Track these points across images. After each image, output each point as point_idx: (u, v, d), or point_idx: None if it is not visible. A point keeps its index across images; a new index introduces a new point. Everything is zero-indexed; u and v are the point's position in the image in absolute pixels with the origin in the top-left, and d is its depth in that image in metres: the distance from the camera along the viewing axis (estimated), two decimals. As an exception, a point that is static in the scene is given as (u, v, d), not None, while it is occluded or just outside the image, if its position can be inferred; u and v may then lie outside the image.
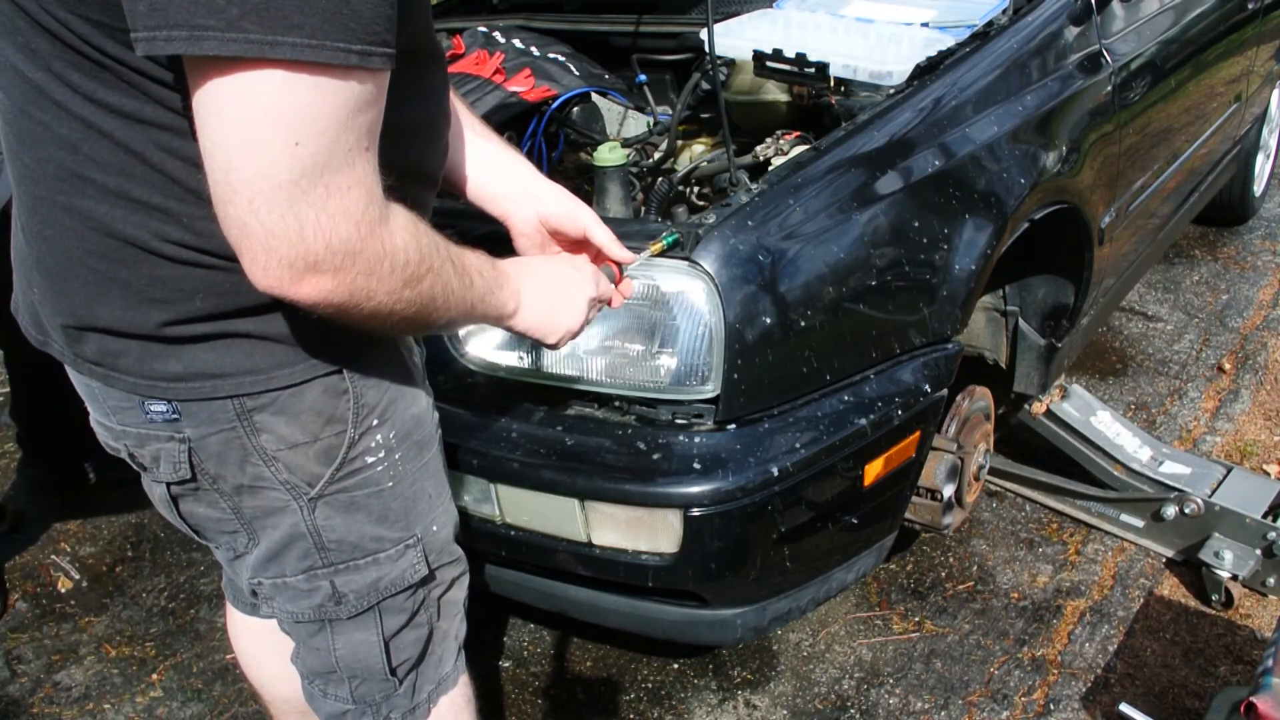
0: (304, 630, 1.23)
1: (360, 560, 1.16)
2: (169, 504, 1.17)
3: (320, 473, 1.10)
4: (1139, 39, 2.38)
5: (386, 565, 1.18)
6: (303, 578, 1.16)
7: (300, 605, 1.19)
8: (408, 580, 1.20)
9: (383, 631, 1.22)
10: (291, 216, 0.85)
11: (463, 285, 1.04)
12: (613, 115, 2.36)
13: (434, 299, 1.00)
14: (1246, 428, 2.81)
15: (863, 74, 1.90)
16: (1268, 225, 4.07)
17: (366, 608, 1.19)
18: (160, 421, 1.07)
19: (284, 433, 1.07)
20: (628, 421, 1.54)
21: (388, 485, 1.15)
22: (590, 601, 1.72)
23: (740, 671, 2.09)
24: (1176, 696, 1.97)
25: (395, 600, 1.21)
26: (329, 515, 1.13)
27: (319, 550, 1.15)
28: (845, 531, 1.72)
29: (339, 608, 1.18)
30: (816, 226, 1.59)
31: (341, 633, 1.21)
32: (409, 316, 0.99)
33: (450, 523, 1.27)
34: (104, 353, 1.04)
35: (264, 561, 1.17)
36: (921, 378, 1.69)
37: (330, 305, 0.92)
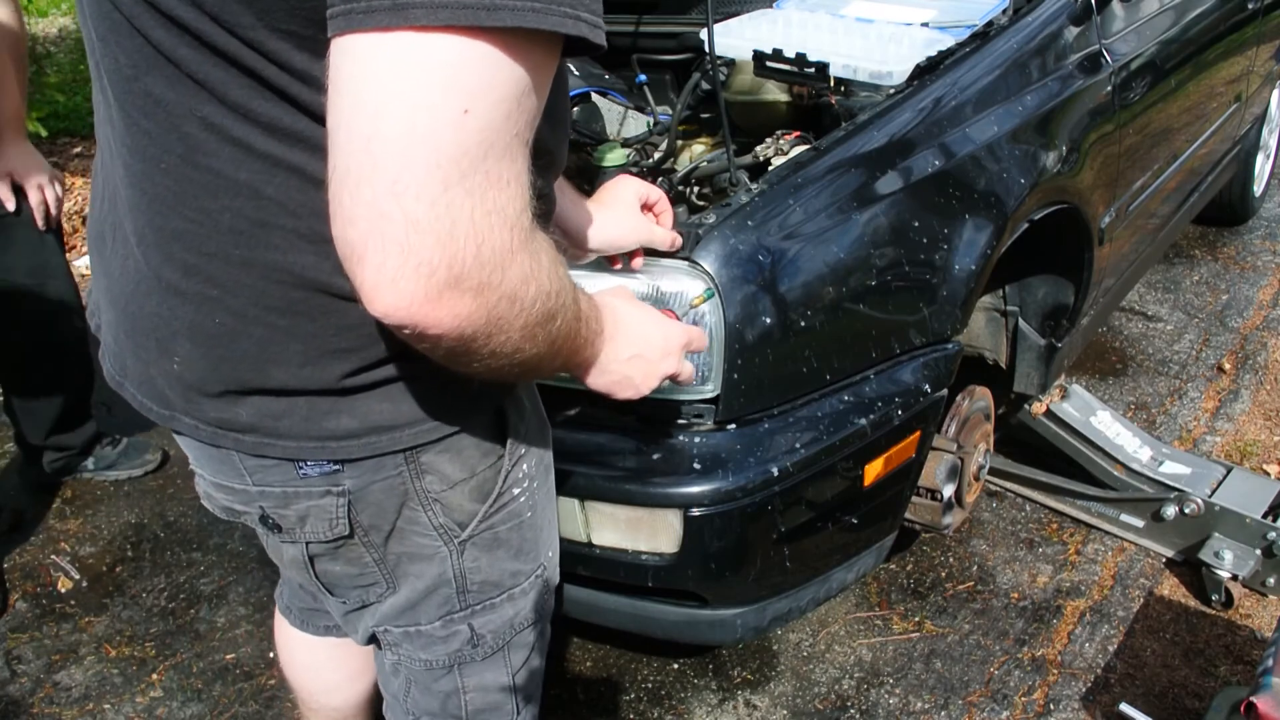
0: (430, 675, 1.15)
1: (497, 598, 1.10)
2: (305, 565, 1.07)
3: (475, 510, 1.03)
4: (1139, 39, 2.38)
5: (520, 600, 1.12)
6: (439, 624, 1.09)
7: (435, 653, 1.12)
8: (540, 610, 1.15)
9: (511, 669, 1.16)
10: (444, 206, 0.68)
11: (577, 329, 0.90)
12: (613, 115, 2.36)
13: (557, 341, 0.85)
14: (1246, 428, 2.81)
15: (863, 74, 1.90)
16: (1268, 225, 4.07)
17: (500, 646, 1.13)
18: (315, 476, 0.97)
19: (447, 471, 0.99)
20: (628, 421, 1.54)
21: (527, 515, 1.09)
22: (590, 601, 1.72)
23: (740, 671, 2.09)
24: (1176, 696, 1.97)
25: (522, 635, 1.15)
26: (476, 557, 1.06)
27: (460, 594, 1.08)
28: (845, 531, 1.72)
29: (475, 650, 1.12)
30: (816, 226, 1.59)
31: (473, 675, 1.15)
32: (526, 362, 0.83)
33: (559, 543, 1.21)
34: (263, 415, 0.92)
35: (399, 611, 1.09)
36: (921, 378, 1.69)
37: (457, 339, 0.75)
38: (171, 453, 2.89)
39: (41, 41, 6.98)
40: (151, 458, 2.80)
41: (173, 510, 2.68)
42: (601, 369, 1.00)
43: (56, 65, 6.47)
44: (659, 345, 1.06)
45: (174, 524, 2.62)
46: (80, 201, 4.78)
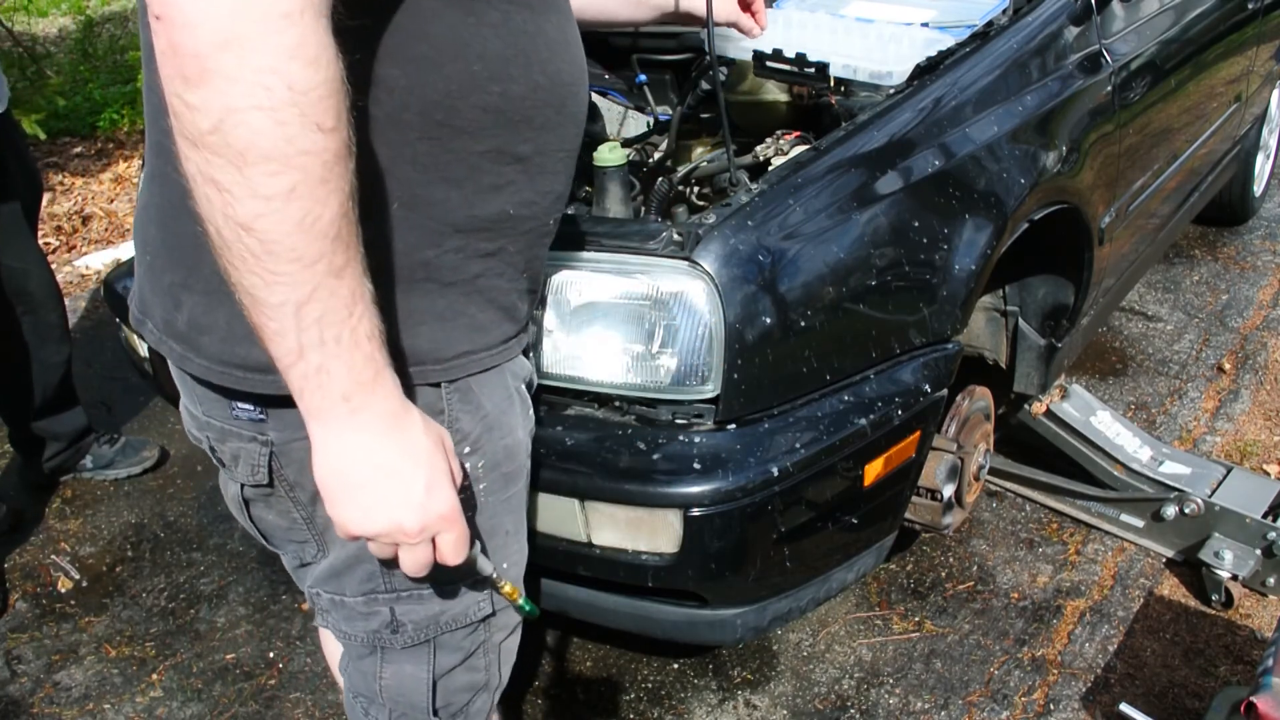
0: (355, 649, 1.16)
1: (424, 591, 1.06)
2: (240, 506, 1.09)
3: None
4: (1139, 39, 2.38)
5: (451, 600, 1.08)
6: (362, 600, 1.07)
7: (355, 627, 1.10)
8: (471, 617, 1.10)
9: (434, 668, 1.13)
10: None
11: (329, 259, 0.78)
12: (613, 115, 2.36)
13: (288, 188, 0.74)
14: (1246, 428, 2.81)
15: (863, 74, 1.90)
16: (1268, 225, 4.07)
17: (423, 640, 1.10)
18: (245, 420, 0.98)
19: None
20: (628, 421, 1.54)
21: (468, 516, 1.01)
22: (590, 601, 1.72)
23: (740, 671, 2.09)
24: (1176, 696, 1.97)
25: (453, 637, 1.11)
26: None
27: (384, 575, 1.05)
28: (845, 531, 1.72)
29: (395, 636, 1.09)
30: (816, 226, 1.59)
31: (391, 662, 1.13)
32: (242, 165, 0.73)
33: (522, 562, 1.17)
34: (192, 325, 0.94)
35: (327, 576, 1.09)
36: (921, 378, 1.69)
37: (193, 42, 0.70)
38: (170, 450, 2.89)
39: (41, 42, 6.97)
40: (149, 455, 2.80)
41: (173, 510, 2.68)
42: (337, 444, 0.86)
43: (56, 65, 6.47)
44: (417, 496, 0.88)
45: (174, 524, 2.62)
46: (80, 201, 4.78)
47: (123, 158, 5.33)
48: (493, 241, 0.99)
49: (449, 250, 0.96)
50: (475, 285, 0.99)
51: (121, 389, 3.20)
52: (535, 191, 1.01)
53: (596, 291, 1.54)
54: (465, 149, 0.92)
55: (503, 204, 0.98)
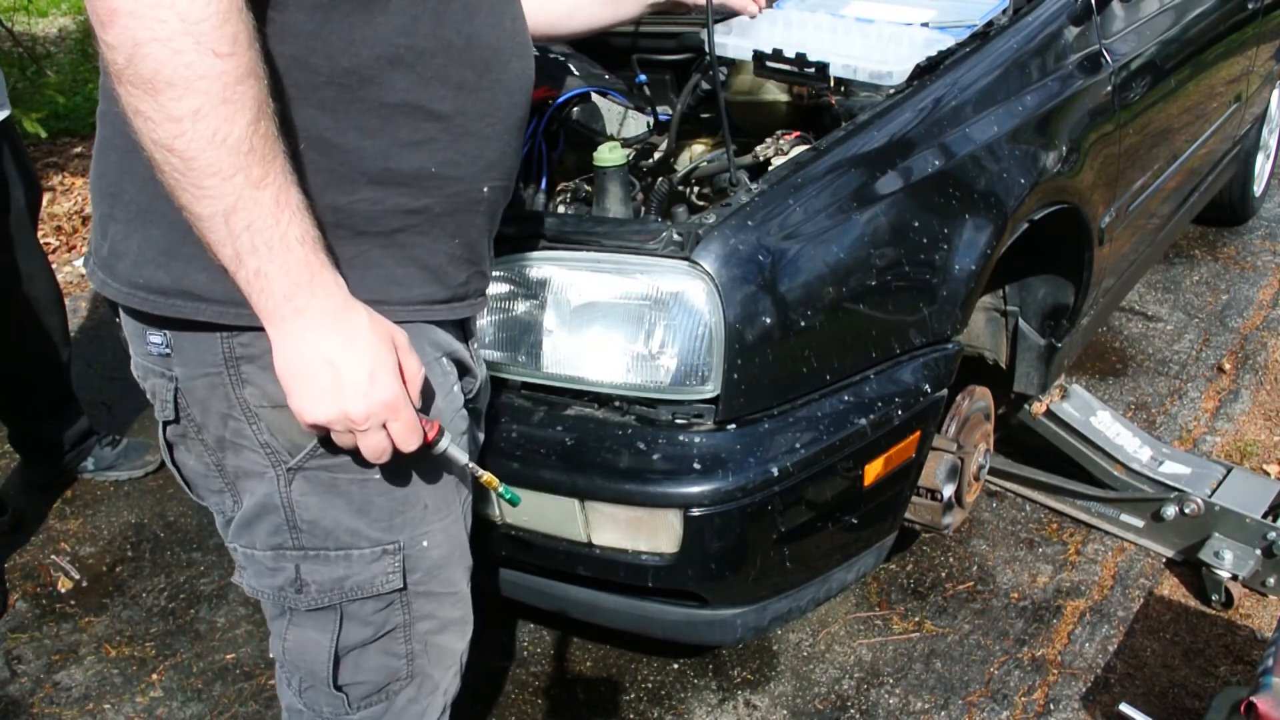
0: (268, 609, 1.15)
1: (331, 551, 1.07)
2: (166, 450, 1.12)
3: (302, 443, 1.02)
4: (1139, 39, 2.38)
5: (358, 565, 1.08)
6: (270, 554, 1.08)
7: (263, 583, 1.11)
8: (377, 588, 1.10)
9: (338, 638, 1.12)
10: None
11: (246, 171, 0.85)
12: (613, 115, 2.36)
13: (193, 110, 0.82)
14: (1246, 428, 2.81)
15: (863, 74, 1.90)
16: (1268, 225, 4.07)
17: (327, 604, 1.10)
18: (156, 356, 1.03)
19: (270, 390, 0.98)
20: (628, 421, 1.54)
21: (374, 476, 1.05)
22: (590, 601, 1.72)
23: (740, 671, 2.09)
24: (1176, 696, 1.97)
25: (361, 607, 1.11)
26: (305, 491, 1.04)
27: (290, 529, 1.06)
28: (845, 531, 1.72)
29: (299, 596, 1.09)
30: (816, 226, 1.59)
31: (296, 625, 1.13)
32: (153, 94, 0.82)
33: (451, 553, 1.16)
34: (114, 251, 1.01)
35: (239, 527, 1.10)
36: (921, 378, 1.69)
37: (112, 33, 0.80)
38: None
39: (41, 42, 6.98)
40: (151, 459, 2.80)
41: (173, 510, 2.68)
42: (287, 342, 0.92)
43: (56, 65, 6.47)
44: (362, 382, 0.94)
45: (174, 524, 2.62)
46: (80, 201, 4.78)
47: (123, 158, 5.31)
48: (415, 199, 1.01)
49: (362, 199, 0.98)
50: (395, 240, 1.01)
51: (121, 389, 3.20)
52: (459, 153, 1.03)
53: (596, 291, 1.55)
54: (374, 98, 0.95)
55: (422, 161, 1.00)
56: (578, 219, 1.67)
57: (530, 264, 1.58)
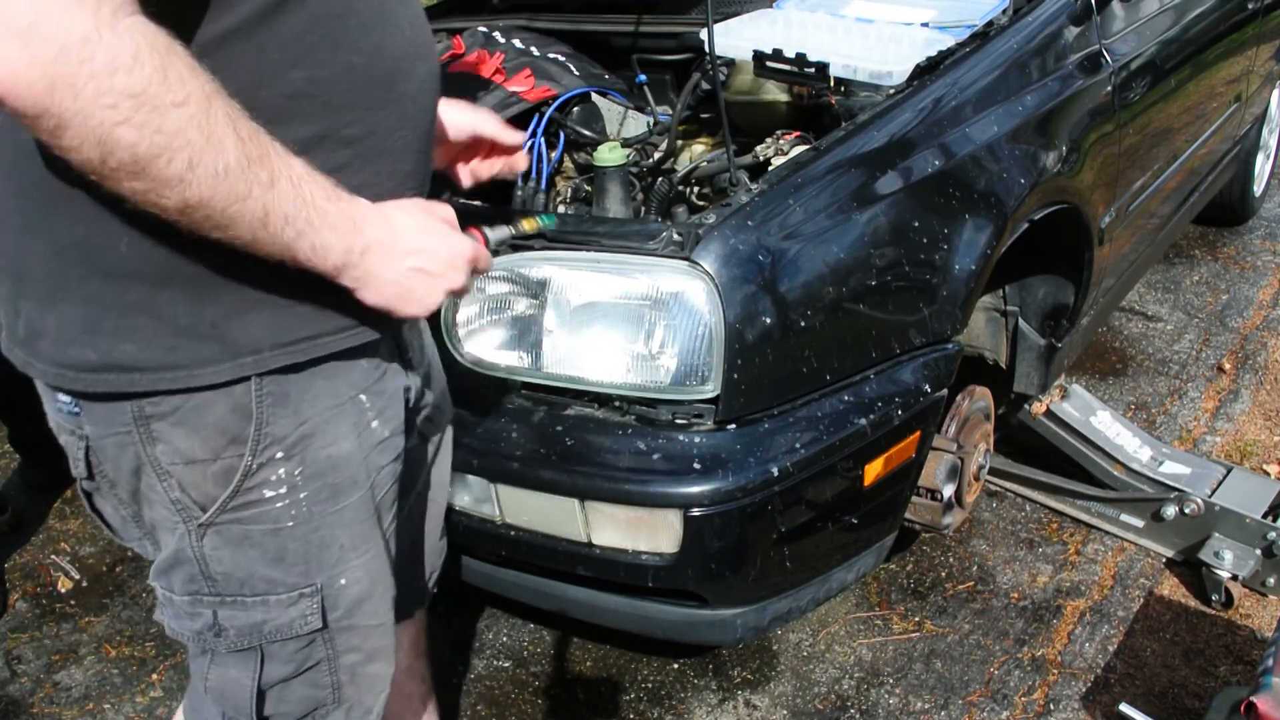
0: (190, 647, 1.14)
1: (248, 598, 1.06)
2: (85, 496, 1.12)
3: (216, 494, 1.01)
4: (1139, 39, 2.38)
5: (276, 610, 1.07)
6: (187, 600, 1.08)
7: (183, 625, 1.10)
8: (296, 630, 1.09)
9: (259, 677, 1.11)
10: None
11: (256, 181, 0.86)
12: (613, 115, 2.36)
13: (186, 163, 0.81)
14: (1246, 428, 2.81)
15: (863, 74, 1.90)
16: (1268, 225, 4.07)
17: (247, 647, 1.09)
18: (66, 414, 1.03)
19: (182, 446, 0.98)
20: (628, 421, 1.54)
21: (287, 525, 1.04)
22: (590, 601, 1.72)
23: (740, 671, 2.09)
24: (1176, 696, 1.97)
25: (282, 648, 1.10)
26: (217, 545, 1.04)
27: (205, 578, 1.06)
28: (845, 531, 1.72)
29: (218, 640, 1.09)
30: (816, 226, 1.59)
31: (217, 665, 1.12)
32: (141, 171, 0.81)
33: (371, 579, 1.14)
34: (30, 331, 0.99)
35: (158, 571, 1.09)
36: (921, 378, 1.69)
37: (23, 101, 0.75)
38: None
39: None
40: None
41: (173, 510, 2.68)
42: (371, 278, 0.97)
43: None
44: (444, 258, 1.02)
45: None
46: (80, 201, 4.77)
47: (123, 158, 5.32)
48: None
49: None
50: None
51: (121, 389, 3.20)
52: (374, 173, 1.02)
53: (596, 291, 1.55)
54: (285, 139, 0.92)
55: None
56: (578, 219, 1.67)
57: (530, 264, 1.58)
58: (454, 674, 2.11)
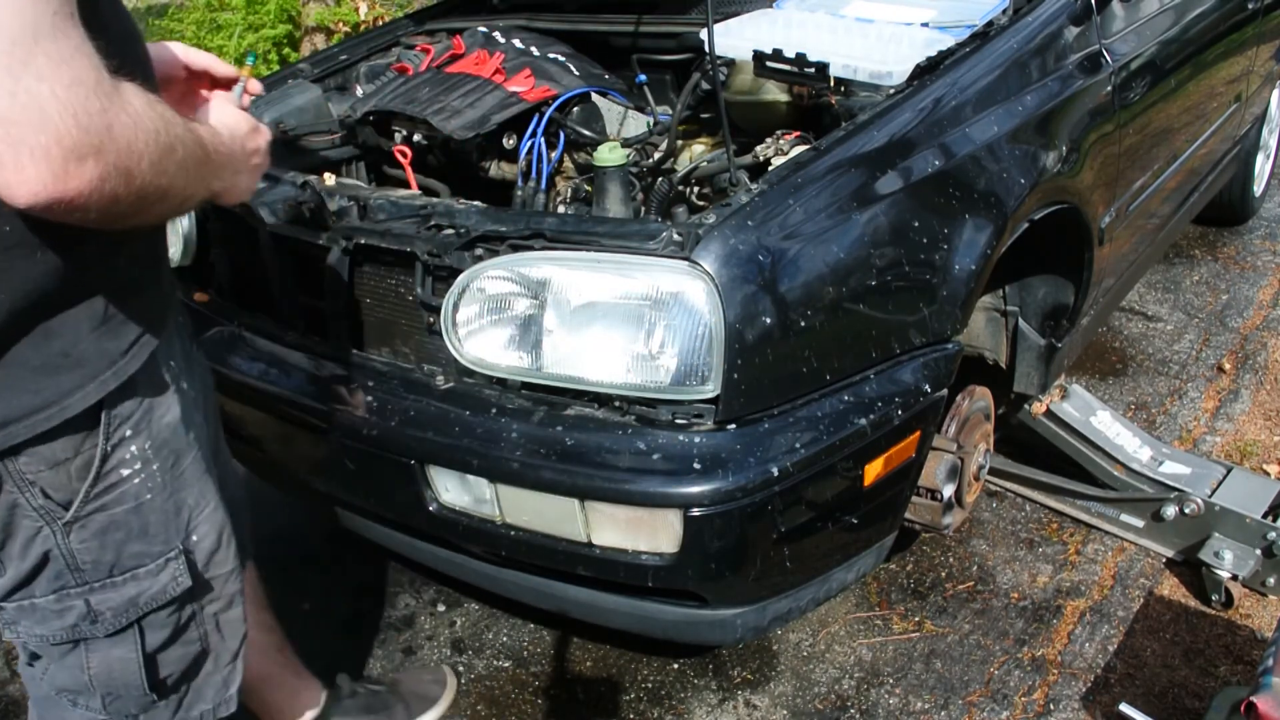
0: (55, 651, 1.16)
1: (118, 578, 1.11)
2: None
3: (78, 489, 1.05)
4: (1139, 39, 2.38)
5: (146, 580, 1.13)
6: (53, 598, 1.10)
7: (51, 627, 1.12)
8: (169, 594, 1.15)
9: (143, 648, 1.16)
10: (24, 94, 0.78)
11: (207, 156, 1.02)
12: (613, 115, 2.36)
13: (190, 168, 0.97)
14: (1246, 428, 2.81)
15: (863, 74, 1.90)
16: (1268, 225, 4.07)
17: (125, 625, 1.13)
18: None
19: (44, 452, 1.01)
20: (628, 421, 1.54)
21: (146, 498, 1.10)
22: (590, 601, 1.72)
23: (740, 671, 2.09)
24: (1176, 696, 1.97)
25: (158, 616, 1.16)
26: (84, 539, 1.08)
27: (72, 571, 1.09)
28: (845, 531, 1.72)
29: (94, 626, 1.12)
30: (816, 226, 1.59)
31: (96, 651, 1.15)
32: (174, 192, 0.96)
33: (216, 530, 1.21)
34: None
35: (11, 588, 1.10)
36: (921, 378, 1.69)
37: (104, 196, 0.86)
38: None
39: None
40: None
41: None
42: (235, 185, 1.13)
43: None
44: (260, 148, 1.20)
45: None
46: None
47: (123, 158, 5.31)
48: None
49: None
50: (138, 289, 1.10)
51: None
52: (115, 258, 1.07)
53: (596, 291, 1.55)
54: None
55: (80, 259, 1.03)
56: (578, 219, 1.67)
57: (530, 264, 1.58)
58: (454, 674, 2.11)
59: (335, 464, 1.80)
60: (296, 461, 1.97)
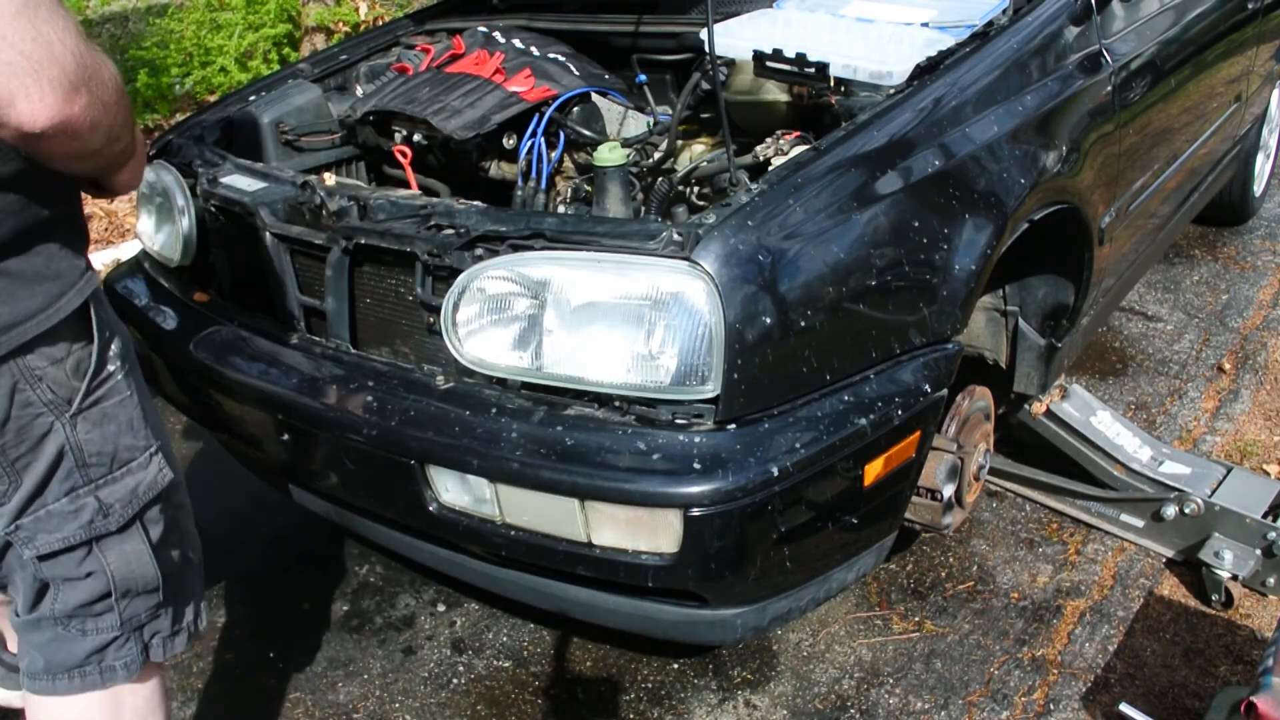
0: (70, 564, 1.29)
1: (117, 471, 1.30)
2: None
3: (78, 386, 1.24)
4: (1139, 39, 2.38)
5: (139, 472, 1.32)
6: (67, 500, 1.26)
7: (68, 529, 1.27)
8: (159, 485, 1.35)
9: (149, 539, 1.35)
10: (40, 38, 0.99)
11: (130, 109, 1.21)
12: (613, 115, 2.36)
13: (127, 113, 1.17)
14: (1246, 428, 2.81)
15: (863, 74, 1.90)
16: (1268, 225, 4.07)
17: (131, 517, 1.32)
18: None
19: (47, 350, 1.20)
20: (628, 421, 1.54)
21: (127, 394, 1.31)
22: (590, 601, 1.72)
23: (740, 671, 2.09)
24: (1176, 696, 1.97)
25: (153, 511, 1.35)
26: (88, 430, 1.26)
27: (80, 468, 1.26)
28: (845, 531, 1.72)
29: (107, 520, 1.29)
30: (816, 226, 1.59)
31: (111, 548, 1.31)
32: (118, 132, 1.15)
33: (167, 443, 1.40)
34: None
35: (27, 499, 1.24)
36: (921, 378, 1.69)
37: (90, 121, 1.07)
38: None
39: (41, 41, 6.96)
40: None
41: (173, 510, 2.68)
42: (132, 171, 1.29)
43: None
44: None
45: (174, 524, 2.62)
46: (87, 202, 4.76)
47: (123, 158, 5.31)
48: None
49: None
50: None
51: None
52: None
53: (596, 291, 1.55)
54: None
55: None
56: (578, 219, 1.67)
57: (530, 264, 1.58)
58: (454, 674, 2.11)
59: (335, 464, 1.80)
60: (296, 462, 1.97)
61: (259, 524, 2.62)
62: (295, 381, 1.81)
